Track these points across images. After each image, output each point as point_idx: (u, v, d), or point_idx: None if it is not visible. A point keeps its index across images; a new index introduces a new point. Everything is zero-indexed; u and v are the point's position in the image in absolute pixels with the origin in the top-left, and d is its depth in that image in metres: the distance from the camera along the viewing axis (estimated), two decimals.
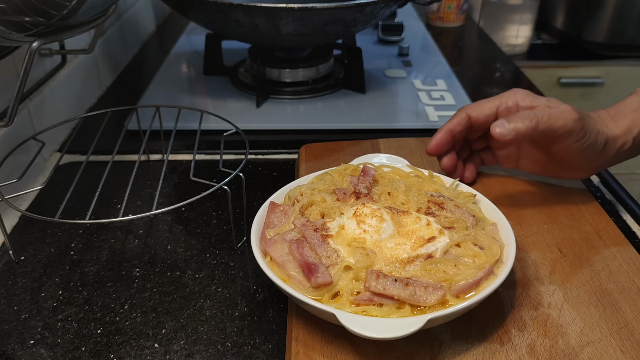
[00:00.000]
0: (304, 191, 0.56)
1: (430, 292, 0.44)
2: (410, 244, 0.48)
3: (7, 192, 0.55)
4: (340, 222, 0.50)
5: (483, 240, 0.49)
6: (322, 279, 0.44)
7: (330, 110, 0.89)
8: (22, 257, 0.59)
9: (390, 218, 0.49)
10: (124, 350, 0.48)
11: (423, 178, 0.59)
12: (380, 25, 1.19)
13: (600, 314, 0.48)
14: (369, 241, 0.48)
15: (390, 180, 0.57)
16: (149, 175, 0.73)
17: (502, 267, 0.47)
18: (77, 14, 0.51)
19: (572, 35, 1.50)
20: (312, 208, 0.53)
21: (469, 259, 0.47)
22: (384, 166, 0.60)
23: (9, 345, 0.48)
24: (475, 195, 0.56)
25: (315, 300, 0.44)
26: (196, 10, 0.82)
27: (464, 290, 0.44)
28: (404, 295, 0.43)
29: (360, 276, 0.45)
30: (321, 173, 0.59)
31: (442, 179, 0.59)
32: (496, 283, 0.44)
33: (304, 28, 0.79)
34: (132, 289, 0.54)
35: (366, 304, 0.44)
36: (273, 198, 0.55)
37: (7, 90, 0.66)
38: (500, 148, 0.63)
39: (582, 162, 0.58)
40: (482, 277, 0.45)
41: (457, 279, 0.45)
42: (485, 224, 0.52)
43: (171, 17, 1.38)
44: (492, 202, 0.54)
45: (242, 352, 0.48)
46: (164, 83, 0.98)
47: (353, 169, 0.59)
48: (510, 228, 0.50)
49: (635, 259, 0.54)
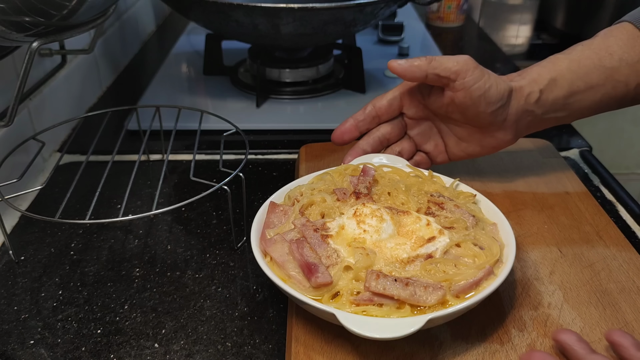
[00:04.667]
0: (304, 191, 0.56)
1: (430, 292, 0.44)
2: (410, 244, 0.48)
3: (7, 192, 0.55)
4: (340, 222, 0.50)
5: (483, 240, 0.49)
6: (322, 279, 0.44)
7: (330, 110, 0.89)
8: (22, 257, 0.59)
9: (390, 218, 0.49)
10: (124, 350, 0.48)
11: (423, 178, 0.59)
12: (380, 25, 1.19)
13: (600, 314, 0.48)
14: (369, 241, 0.48)
15: (391, 180, 0.57)
16: (149, 175, 0.73)
17: (502, 267, 0.47)
18: (77, 14, 0.51)
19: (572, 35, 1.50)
20: (312, 208, 0.53)
21: (469, 259, 0.47)
22: (384, 166, 0.60)
23: (9, 345, 0.48)
24: (475, 195, 0.56)
25: (315, 300, 0.44)
26: (196, 10, 0.82)
27: (464, 290, 0.44)
28: (404, 295, 0.43)
29: (360, 276, 0.45)
30: (321, 173, 0.59)
31: (442, 179, 0.58)
32: (496, 283, 0.44)
33: (304, 28, 0.79)
34: (132, 289, 0.54)
35: (366, 304, 0.44)
36: (273, 198, 0.55)
37: (7, 90, 0.66)
38: (416, 121, 0.63)
39: (497, 117, 0.58)
40: (482, 277, 0.45)
41: (457, 279, 0.45)
42: (485, 224, 0.52)
43: (171, 17, 1.38)
44: (492, 202, 0.54)
45: (242, 352, 0.48)
46: (164, 83, 0.98)
47: (353, 169, 0.59)
48: (510, 228, 0.50)
49: (635, 259, 0.54)
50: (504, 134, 0.60)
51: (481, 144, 0.61)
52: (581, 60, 0.58)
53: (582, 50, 0.59)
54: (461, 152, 0.63)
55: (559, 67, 0.58)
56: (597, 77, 0.57)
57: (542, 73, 0.58)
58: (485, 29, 1.41)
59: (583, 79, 0.57)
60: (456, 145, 0.62)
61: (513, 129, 0.59)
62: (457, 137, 0.62)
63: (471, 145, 0.62)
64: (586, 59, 0.58)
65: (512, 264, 0.46)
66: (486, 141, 0.61)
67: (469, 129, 0.60)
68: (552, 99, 0.58)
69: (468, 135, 0.61)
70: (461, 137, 0.62)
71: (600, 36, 0.60)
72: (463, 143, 0.62)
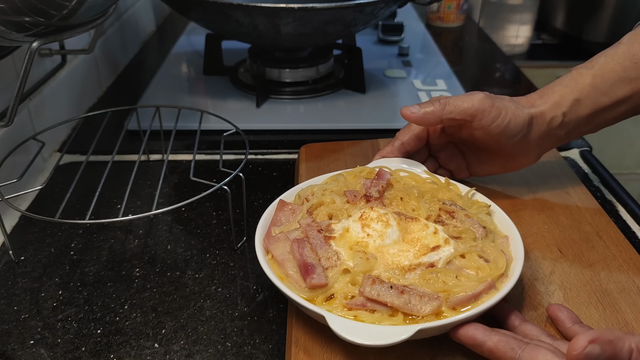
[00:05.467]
0: (315, 191, 0.55)
1: (425, 302, 0.43)
2: (413, 251, 0.47)
3: (7, 192, 0.55)
4: (346, 225, 0.49)
5: (490, 253, 0.47)
6: (317, 280, 0.44)
7: (330, 110, 0.89)
8: (22, 257, 0.59)
9: (396, 224, 0.49)
10: (124, 350, 0.48)
11: (439, 185, 0.58)
12: (380, 25, 1.19)
13: (600, 314, 0.48)
14: (372, 246, 0.47)
15: (406, 185, 0.57)
16: (149, 175, 0.73)
17: (506, 281, 0.45)
18: (77, 14, 0.51)
19: (572, 35, 1.50)
20: (320, 208, 0.53)
21: (472, 271, 0.46)
22: (401, 170, 0.59)
23: (9, 345, 0.48)
24: (489, 206, 0.54)
25: (308, 301, 0.44)
26: (196, 10, 0.82)
27: (462, 302, 0.43)
28: (398, 303, 0.43)
29: (357, 280, 0.45)
30: (336, 174, 0.59)
31: (459, 186, 0.58)
32: (496, 298, 0.43)
33: (304, 28, 0.79)
34: (132, 289, 0.54)
35: (358, 308, 0.43)
36: (283, 196, 0.55)
37: (7, 90, 0.66)
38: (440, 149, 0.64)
39: (518, 147, 0.57)
40: (482, 291, 0.44)
41: (455, 291, 0.44)
42: (496, 236, 0.51)
43: (171, 17, 1.38)
44: (507, 215, 0.53)
45: (242, 352, 0.48)
46: (164, 83, 0.98)
47: (368, 171, 0.58)
48: (521, 242, 0.49)
49: (635, 259, 0.54)
50: (527, 158, 0.60)
51: (504, 166, 0.61)
52: (605, 74, 0.55)
53: (606, 62, 0.56)
54: (483, 172, 0.63)
55: (581, 85, 0.56)
56: (622, 91, 0.55)
57: (564, 94, 0.56)
58: (485, 29, 1.41)
59: (607, 95, 0.55)
60: (478, 166, 0.63)
61: (536, 152, 0.59)
62: (479, 159, 0.62)
63: (493, 167, 0.62)
64: (610, 72, 0.55)
65: (516, 279, 0.45)
66: (509, 164, 0.61)
67: (492, 154, 0.60)
68: (575, 119, 0.56)
69: (490, 160, 0.61)
70: (483, 161, 0.62)
71: (624, 43, 0.56)
72: (486, 165, 0.62)
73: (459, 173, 0.64)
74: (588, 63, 0.57)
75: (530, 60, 1.48)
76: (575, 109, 0.56)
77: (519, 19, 1.42)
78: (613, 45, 0.57)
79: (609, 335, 0.37)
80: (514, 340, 0.41)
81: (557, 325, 0.46)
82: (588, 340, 0.36)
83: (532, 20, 1.44)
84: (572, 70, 0.58)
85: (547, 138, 0.58)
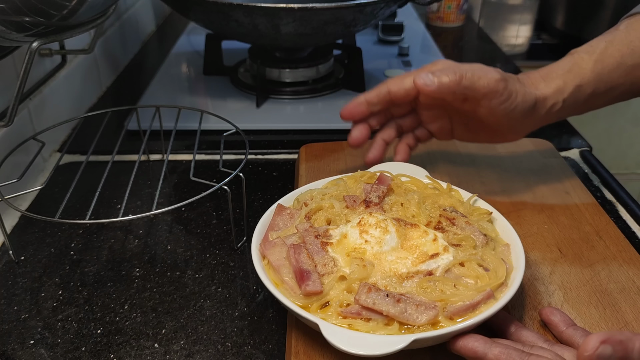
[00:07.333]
0: (314, 195, 0.55)
1: (422, 312, 0.42)
2: (411, 259, 0.46)
3: (7, 192, 0.55)
4: (343, 231, 0.49)
5: (490, 262, 0.46)
6: (312, 287, 0.44)
7: (330, 110, 0.89)
8: (22, 257, 0.59)
9: (395, 230, 0.48)
10: (124, 350, 0.48)
11: (441, 191, 0.57)
12: (380, 25, 1.19)
13: (600, 314, 0.48)
14: (369, 252, 0.47)
15: (406, 190, 0.56)
16: (149, 175, 0.73)
17: (506, 291, 0.44)
18: (77, 14, 0.51)
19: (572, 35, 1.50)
20: (319, 213, 0.52)
21: (471, 279, 0.45)
22: (402, 175, 0.58)
23: (9, 345, 0.48)
24: (491, 213, 0.53)
25: (302, 308, 0.43)
26: (196, 10, 0.82)
27: (459, 312, 0.43)
28: (393, 312, 0.42)
29: (353, 288, 0.44)
30: (336, 178, 0.58)
31: (461, 192, 0.57)
32: (494, 308, 0.42)
33: (304, 28, 0.79)
34: (132, 289, 0.54)
35: (353, 317, 0.42)
36: (282, 201, 0.54)
37: (7, 90, 0.66)
38: (428, 109, 0.61)
39: (513, 125, 0.57)
40: (481, 301, 0.43)
41: (453, 300, 0.43)
42: (497, 244, 0.50)
43: (171, 17, 1.38)
44: (508, 222, 0.52)
45: (242, 352, 0.48)
46: (164, 83, 0.98)
47: (369, 176, 0.57)
48: (523, 251, 0.48)
49: (635, 259, 0.54)
50: (515, 135, 0.60)
51: (490, 138, 0.61)
52: (605, 60, 0.56)
53: (606, 48, 0.56)
54: (466, 139, 0.62)
55: (584, 71, 0.56)
56: (617, 77, 0.56)
57: (567, 80, 0.56)
58: (485, 29, 1.40)
59: (604, 80, 0.56)
60: (464, 132, 0.62)
61: (526, 130, 0.59)
62: (467, 127, 0.61)
63: (479, 137, 0.61)
64: (609, 58, 0.56)
65: (516, 289, 0.44)
66: (496, 138, 0.61)
67: (482, 126, 0.59)
68: (572, 104, 0.57)
69: (479, 129, 0.60)
70: (471, 129, 0.61)
71: (622, 30, 0.57)
72: (471, 134, 0.61)
73: (441, 135, 0.62)
74: (588, 47, 0.57)
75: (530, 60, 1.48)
76: (575, 94, 0.56)
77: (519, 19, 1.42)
78: (611, 30, 0.58)
79: (620, 335, 0.37)
80: (515, 351, 0.40)
81: (550, 328, 0.46)
82: (600, 340, 0.36)
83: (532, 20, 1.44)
84: (572, 53, 0.58)
85: (540, 120, 0.58)
